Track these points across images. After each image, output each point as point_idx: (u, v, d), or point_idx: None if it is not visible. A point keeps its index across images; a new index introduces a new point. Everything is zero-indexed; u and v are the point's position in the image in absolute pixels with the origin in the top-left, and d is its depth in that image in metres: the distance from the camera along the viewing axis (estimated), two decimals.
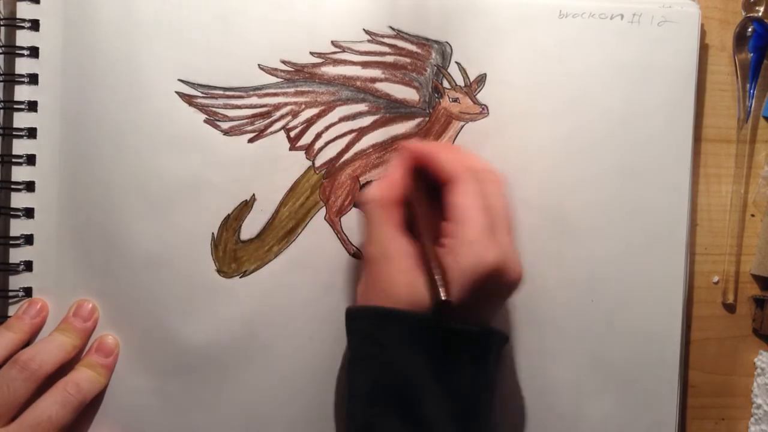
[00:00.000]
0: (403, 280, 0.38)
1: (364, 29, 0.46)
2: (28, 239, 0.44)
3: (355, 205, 0.46)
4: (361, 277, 0.41)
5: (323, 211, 0.46)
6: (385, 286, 0.38)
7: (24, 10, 0.44)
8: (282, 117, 0.45)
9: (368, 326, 0.39)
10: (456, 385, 0.38)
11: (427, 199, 0.41)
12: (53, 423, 0.40)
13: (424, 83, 0.46)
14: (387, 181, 0.41)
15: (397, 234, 0.39)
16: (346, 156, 0.46)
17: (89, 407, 0.44)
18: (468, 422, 0.38)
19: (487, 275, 0.37)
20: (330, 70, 0.46)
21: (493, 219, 0.39)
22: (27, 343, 0.44)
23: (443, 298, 0.36)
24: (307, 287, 0.45)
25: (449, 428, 0.37)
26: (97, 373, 0.44)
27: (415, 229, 0.40)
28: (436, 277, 0.37)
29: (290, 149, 0.46)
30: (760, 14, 0.49)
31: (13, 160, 0.44)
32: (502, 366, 0.42)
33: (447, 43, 0.46)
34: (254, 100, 0.45)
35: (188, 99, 0.45)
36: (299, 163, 0.46)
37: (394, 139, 0.46)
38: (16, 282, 0.44)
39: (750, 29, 0.49)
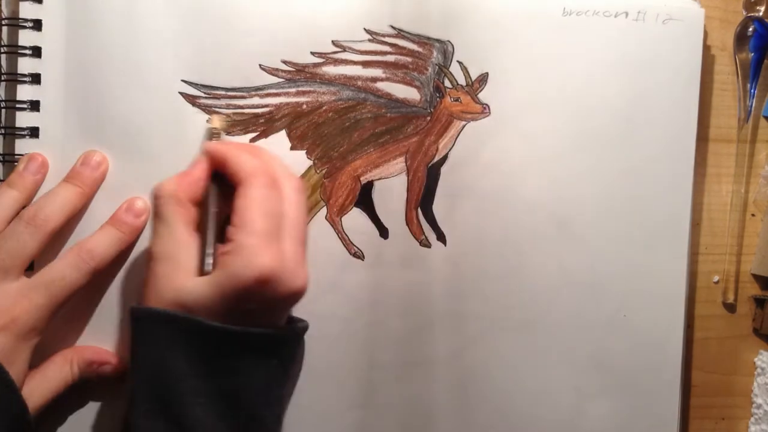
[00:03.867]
0: (177, 280, 0.38)
1: (365, 29, 0.46)
2: None
3: (356, 205, 0.46)
4: (145, 276, 0.40)
5: (324, 210, 0.46)
6: (162, 287, 0.38)
7: (27, 10, 0.44)
8: (283, 117, 0.46)
9: (141, 326, 0.39)
10: (227, 386, 0.38)
11: (224, 203, 0.41)
12: (66, 283, 0.40)
13: (425, 82, 0.46)
14: (185, 177, 0.41)
15: (186, 234, 0.39)
16: (348, 156, 0.46)
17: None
18: (243, 420, 0.38)
19: (255, 281, 0.37)
20: (331, 70, 0.46)
21: (277, 226, 0.38)
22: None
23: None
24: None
25: (217, 428, 0.37)
26: (121, 233, 0.43)
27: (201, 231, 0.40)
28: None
29: (291, 149, 0.46)
30: (761, 14, 0.50)
31: (16, 159, 0.44)
32: (295, 361, 0.42)
33: (448, 41, 0.46)
34: (256, 101, 0.45)
35: (191, 99, 0.45)
36: (300, 162, 0.46)
37: (396, 139, 0.46)
38: None
39: (751, 29, 0.49)
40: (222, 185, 0.41)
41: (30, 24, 0.44)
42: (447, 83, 0.46)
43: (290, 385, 0.43)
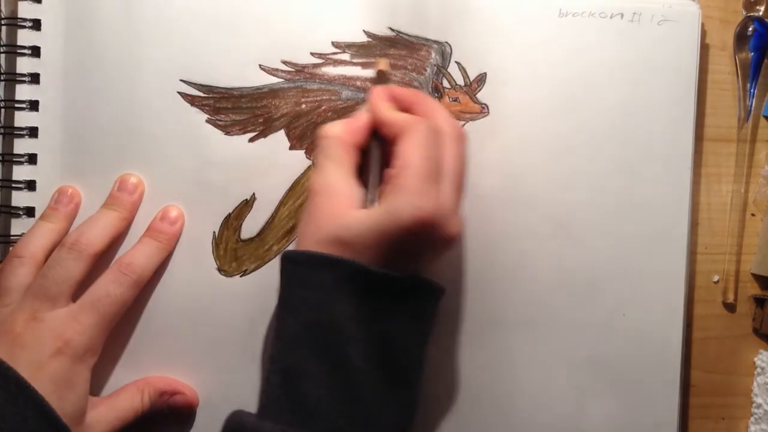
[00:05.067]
0: (339, 215, 0.38)
1: (364, 30, 0.46)
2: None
3: None
4: (304, 211, 0.40)
5: None
6: (319, 221, 0.38)
7: (26, 10, 0.44)
8: (282, 116, 0.46)
9: (300, 270, 0.38)
10: (386, 334, 0.37)
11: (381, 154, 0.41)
12: (112, 299, 0.41)
13: (424, 83, 0.46)
14: (352, 124, 0.41)
15: (348, 175, 0.39)
16: None
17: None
18: (396, 371, 0.38)
19: (414, 221, 0.36)
20: (330, 71, 0.46)
21: (437, 171, 0.38)
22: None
23: None
24: None
25: (375, 375, 0.37)
26: (158, 242, 0.44)
27: (364, 180, 0.40)
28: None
29: (290, 148, 0.46)
30: (761, 13, 0.49)
31: (15, 159, 0.44)
32: (436, 321, 0.42)
33: (447, 43, 0.46)
34: (255, 100, 0.45)
35: (190, 99, 0.45)
36: (299, 162, 0.46)
37: None
38: None
39: (750, 28, 0.49)
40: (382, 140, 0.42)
41: (29, 24, 0.44)
42: (445, 84, 0.46)
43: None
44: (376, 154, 0.41)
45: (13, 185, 0.44)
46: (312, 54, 0.46)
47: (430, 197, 0.37)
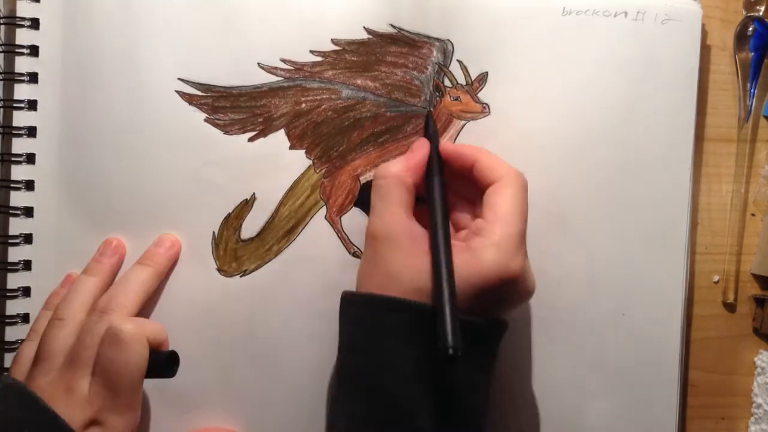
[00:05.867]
0: (408, 264, 0.37)
1: (364, 27, 0.46)
2: (28, 238, 0.44)
3: (355, 205, 0.46)
4: (363, 257, 0.40)
5: (323, 210, 0.46)
6: (388, 269, 0.37)
7: (24, 9, 0.44)
8: (282, 116, 0.45)
9: (364, 314, 0.38)
10: (449, 381, 0.37)
11: (445, 197, 0.40)
12: (116, 365, 0.39)
13: (425, 81, 0.46)
14: (409, 162, 0.41)
15: (408, 216, 0.39)
16: (347, 155, 0.46)
17: None
18: (456, 420, 0.37)
19: (507, 282, 0.36)
20: (330, 69, 0.46)
21: (525, 230, 0.38)
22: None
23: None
24: (307, 287, 0.45)
25: (434, 424, 0.36)
26: (149, 267, 0.43)
27: (422, 220, 0.39)
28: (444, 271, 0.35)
29: (290, 148, 0.46)
30: (761, 13, 0.50)
31: (13, 158, 0.44)
32: (499, 361, 0.42)
33: (448, 40, 0.46)
34: (254, 99, 0.45)
35: (188, 98, 0.45)
36: (299, 162, 0.46)
37: (395, 138, 0.46)
38: (15, 281, 0.44)
39: (751, 28, 0.49)
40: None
41: (27, 23, 0.44)
42: (447, 82, 0.46)
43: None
44: (440, 193, 0.40)
45: (12, 185, 0.44)
46: (312, 52, 0.45)
47: (520, 257, 0.37)
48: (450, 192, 0.42)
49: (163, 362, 0.40)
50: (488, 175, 0.40)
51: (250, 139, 0.45)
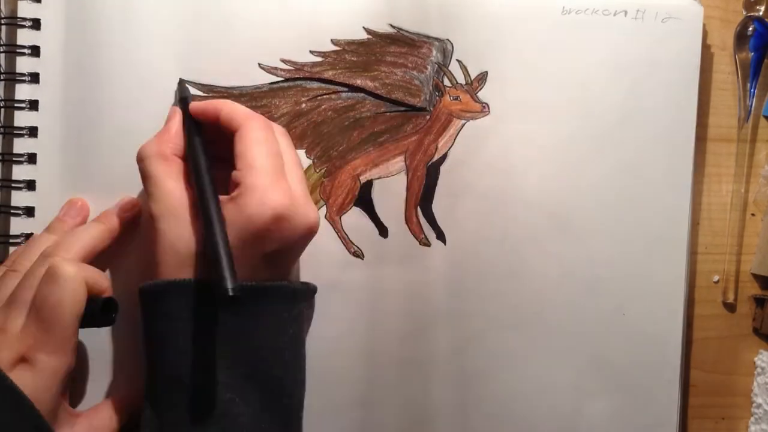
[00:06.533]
0: (185, 233, 0.38)
1: (364, 27, 0.46)
2: (29, 238, 0.44)
3: (355, 204, 0.46)
4: (152, 242, 0.39)
5: (323, 210, 0.46)
6: (175, 244, 0.38)
7: (25, 9, 0.44)
8: (282, 116, 0.46)
9: (154, 302, 0.38)
10: (251, 346, 0.37)
11: (206, 154, 0.40)
12: (50, 301, 0.39)
13: (424, 81, 0.46)
14: (164, 136, 0.41)
15: (181, 187, 0.39)
16: (347, 155, 0.46)
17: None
18: (266, 383, 0.38)
19: (271, 219, 0.37)
20: (330, 69, 0.46)
21: (280, 165, 0.39)
22: None
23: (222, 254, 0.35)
24: None
25: (245, 391, 0.37)
26: (102, 223, 0.43)
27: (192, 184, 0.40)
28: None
29: None
30: (761, 13, 0.49)
31: (14, 158, 0.44)
32: (305, 319, 0.42)
33: (448, 40, 0.46)
34: (254, 99, 0.45)
35: None
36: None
37: (395, 138, 0.46)
38: None
39: (751, 28, 0.49)
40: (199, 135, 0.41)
41: (29, 23, 0.44)
42: (446, 82, 0.46)
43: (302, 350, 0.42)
44: (200, 151, 0.40)
45: (13, 185, 0.44)
46: (312, 52, 0.46)
47: (283, 191, 0.37)
48: (222, 153, 0.41)
49: (100, 307, 0.39)
50: (232, 126, 0.40)
51: None
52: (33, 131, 0.44)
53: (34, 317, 0.37)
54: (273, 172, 0.38)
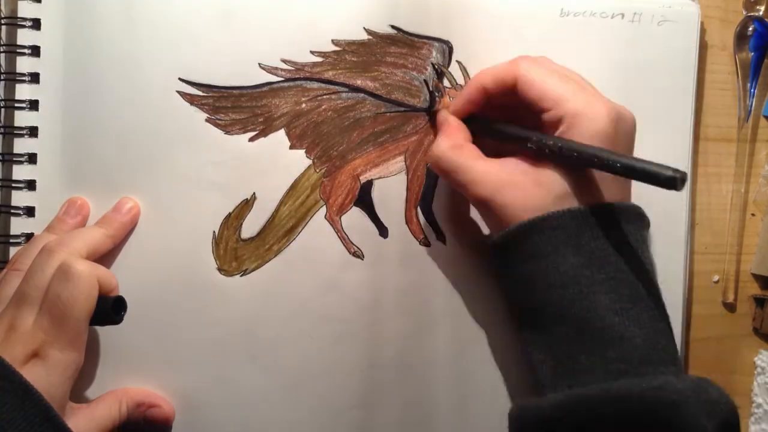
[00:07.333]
0: (534, 187, 0.38)
1: (364, 28, 0.46)
2: (29, 238, 0.44)
3: (355, 204, 0.46)
4: (487, 217, 0.41)
5: (323, 210, 0.46)
6: (527, 205, 0.38)
7: (25, 9, 0.44)
8: (282, 116, 0.46)
9: (521, 243, 0.38)
10: (622, 265, 0.37)
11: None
12: (63, 299, 0.39)
13: (424, 82, 0.46)
14: (447, 130, 0.42)
15: (490, 161, 0.40)
16: (347, 155, 0.46)
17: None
18: (645, 297, 0.37)
19: (613, 127, 0.37)
20: (330, 69, 0.46)
21: (575, 78, 0.40)
22: None
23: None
24: (307, 286, 0.45)
25: (633, 313, 0.37)
26: (104, 229, 0.43)
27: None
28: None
29: (290, 148, 0.46)
30: (761, 13, 0.49)
31: (14, 158, 0.44)
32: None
33: (448, 41, 0.46)
34: (255, 99, 0.45)
35: (190, 98, 0.45)
36: (299, 161, 0.46)
37: (395, 138, 0.46)
38: None
39: (751, 28, 0.49)
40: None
41: (29, 23, 0.44)
42: (446, 83, 0.46)
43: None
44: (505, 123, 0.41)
45: (13, 185, 0.44)
46: (312, 52, 0.46)
47: (597, 98, 0.39)
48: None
49: (110, 306, 0.39)
50: (507, 82, 0.41)
51: (251, 139, 0.45)
52: (33, 131, 0.44)
53: (47, 313, 0.38)
54: (579, 89, 0.39)
